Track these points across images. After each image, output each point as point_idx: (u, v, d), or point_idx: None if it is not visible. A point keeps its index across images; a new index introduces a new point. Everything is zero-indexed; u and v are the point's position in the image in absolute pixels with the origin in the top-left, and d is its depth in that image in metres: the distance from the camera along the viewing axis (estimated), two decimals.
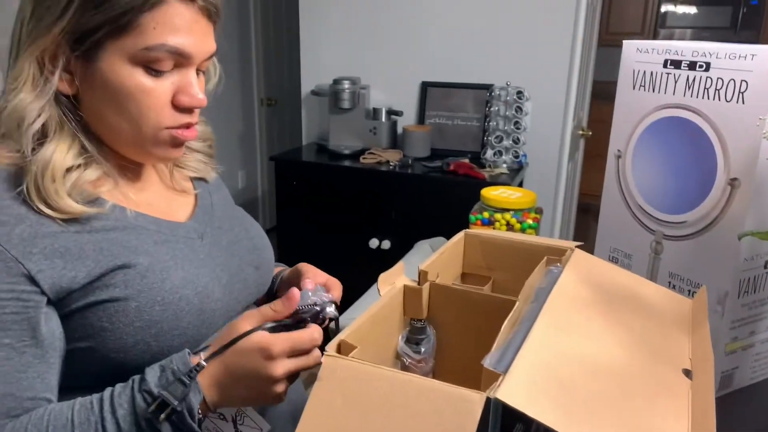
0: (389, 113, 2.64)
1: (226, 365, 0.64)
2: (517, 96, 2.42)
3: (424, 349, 0.71)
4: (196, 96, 0.70)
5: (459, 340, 0.74)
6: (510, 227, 1.17)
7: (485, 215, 1.19)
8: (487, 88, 2.51)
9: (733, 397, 0.90)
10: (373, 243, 2.48)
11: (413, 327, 0.72)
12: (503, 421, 0.52)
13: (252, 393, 0.65)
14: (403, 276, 0.75)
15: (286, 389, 0.66)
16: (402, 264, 0.75)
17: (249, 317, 0.66)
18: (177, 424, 0.62)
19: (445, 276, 0.80)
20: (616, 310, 0.66)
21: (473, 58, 2.57)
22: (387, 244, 2.47)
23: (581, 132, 2.92)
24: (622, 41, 0.98)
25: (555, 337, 0.57)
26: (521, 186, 2.51)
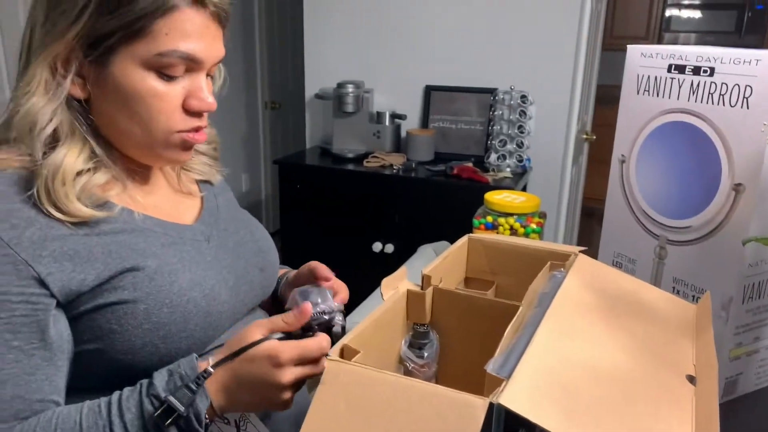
0: (393, 117, 2.64)
1: (234, 371, 0.64)
2: (521, 100, 2.42)
3: (427, 354, 0.71)
4: (206, 100, 0.71)
5: (462, 344, 0.74)
6: (513, 231, 1.17)
7: (489, 219, 1.19)
8: (491, 92, 2.51)
9: (738, 404, 0.90)
10: (377, 247, 2.48)
11: (416, 331, 0.72)
12: (506, 427, 0.52)
13: (259, 399, 0.65)
14: (406, 280, 0.75)
15: (292, 396, 0.66)
16: (405, 268, 0.76)
17: (259, 326, 0.66)
18: (184, 428, 0.62)
19: (449, 280, 0.80)
20: (619, 315, 0.66)
21: (477, 62, 2.57)
22: (390, 247, 2.47)
23: (585, 136, 2.91)
24: (626, 45, 0.98)
25: (558, 343, 0.57)
26: (525, 190, 2.50)
